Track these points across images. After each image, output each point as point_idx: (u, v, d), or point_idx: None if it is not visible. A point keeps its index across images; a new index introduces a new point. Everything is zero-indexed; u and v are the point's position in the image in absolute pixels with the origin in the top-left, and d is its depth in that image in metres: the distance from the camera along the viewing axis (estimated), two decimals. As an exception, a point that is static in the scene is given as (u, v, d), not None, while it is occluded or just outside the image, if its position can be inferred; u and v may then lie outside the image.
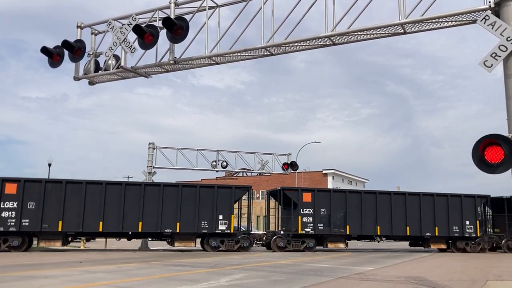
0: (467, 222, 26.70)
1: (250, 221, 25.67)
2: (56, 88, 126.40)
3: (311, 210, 24.68)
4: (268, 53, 11.17)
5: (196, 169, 30.00)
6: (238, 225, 24.49)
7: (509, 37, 7.47)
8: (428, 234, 26.12)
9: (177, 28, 10.88)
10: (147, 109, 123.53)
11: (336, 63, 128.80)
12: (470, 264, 17.57)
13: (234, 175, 64.66)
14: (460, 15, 8.78)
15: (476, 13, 8.48)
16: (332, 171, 63.03)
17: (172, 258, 18.20)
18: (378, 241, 27.36)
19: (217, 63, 11.82)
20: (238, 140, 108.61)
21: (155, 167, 28.75)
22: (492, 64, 7.54)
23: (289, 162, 32.32)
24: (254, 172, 35.43)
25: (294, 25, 10.44)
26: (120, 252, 22.08)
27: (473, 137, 7.06)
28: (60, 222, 21.51)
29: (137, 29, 11.19)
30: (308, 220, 24.60)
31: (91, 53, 12.75)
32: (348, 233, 25.08)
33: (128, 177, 55.36)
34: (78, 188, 22.06)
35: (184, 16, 11.30)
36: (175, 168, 29.42)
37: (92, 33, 12.94)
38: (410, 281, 11.27)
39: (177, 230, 22.81)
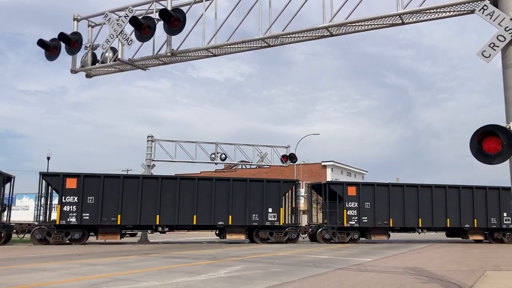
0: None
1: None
2: (55, 81, 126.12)
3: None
4: (266, 45, 11.11)
5: (195, 162, 30.02)
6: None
7: (507, 27, 7.44)
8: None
9: (174, 20, 10.80)
10: (146, 102, 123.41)
11: (336, 55, 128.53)
12: (468, 255, 17.65)
13: (233, 168, 64.71)
14: (459, 5, 8.74)
15: (475, 2, 8.44)
16: (331, 163, 63.06)
17: (172, 251, 18.25)
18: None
19: (215, 55, 11.77)
20: (237, 133, 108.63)
21: (154, 160, 28.76)
22: (490, 54, 7.52)
23: (288, 154, 32.32)
24: (253, 165, 35.46)
25: (292, 16, 10.38)
26: (119, 245, 22.14)
27: (473, 128, 7.05)
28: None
29: (134, 21, 11.12)
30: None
31: (88, 45, 12.67)
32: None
33: (128, 170, 55.35)
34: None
35: (181, 8, 11.22)
36: (174, 161, 29.44)
37: (89, 26, 12.85)
38: (409, 272, 11.32)
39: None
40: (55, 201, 23.71)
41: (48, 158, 37.75)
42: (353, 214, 25.41)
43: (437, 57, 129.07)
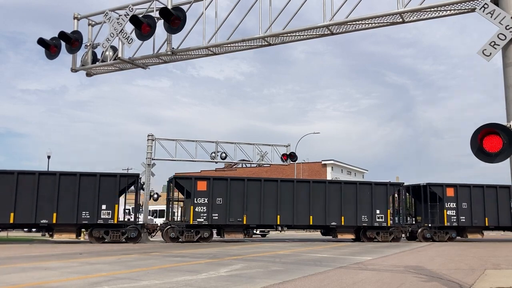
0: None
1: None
2: (55, 80, 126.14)
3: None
4: (266, 43, 11.10)
5: (195, 161, 30.01)
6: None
7: (508, 25, 7.42)
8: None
9: (174, 19, 10.79)
10: (146, 100, 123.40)
11: (336, 54, 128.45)
12: (468, 254, 17.65)
13: (233, 167, 64.74)
14: (459, 4, 8.72)
15: (475, 1, 8.42)
16: (331, 161, 63.10)
17: (172, 249, 18.26)
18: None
19: (215, 54, 11.76)
20: (237, 132, 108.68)
21: (154, 159, 28.73)
22: (491, 53, 7.50)
23: (288, 153, 32.31)
24: (253, 163, 35.49)
25: (292, 14, 10.36)
26: (120, 244, 22.15)
27: (473, 127, 7.04)
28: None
29: (134, 20, 11.10)
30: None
31: (88, 44, 12.66)
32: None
33: (128, 169, 55.38)
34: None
35: (181, 6, 11.21)
36: (174, 160, 29.44)
37: (89, 24, 12.84)
38: (409, 270, 11.32)
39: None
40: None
41: (49, 157, 37.73)
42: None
43: (437, 56, 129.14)
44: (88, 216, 22.08)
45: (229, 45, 11.28)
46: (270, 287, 8.45)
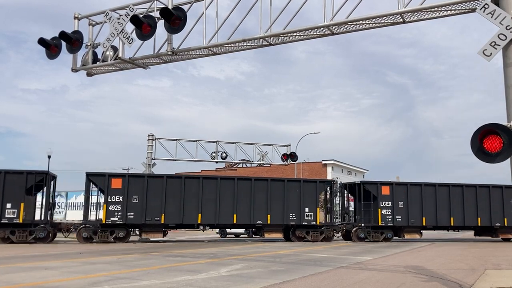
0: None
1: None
2: (56, 80, 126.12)
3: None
4: (267, 43, 11.11)
5: (195, 160, 30.05)
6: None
7: (508, 25, 7.42)
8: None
9: (175, 19, 10.80)
10: (147, 100, 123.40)
11: (337, 54, 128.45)
12: (469, 254, 17.65)
13: (234, 166, 64.74)
14: (460, 4, 8.72)
15: (476, 1, 8.42)
16: (332, 161, 63.08)
17: (172, 249, 18.27)
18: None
19: (216, 54, 11.77)
20: (238, 132, 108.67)
21: (154, 159, 28.79)
22: (491, 53, 7.50)
23: (288, 153, 32.35)
24: (253, 163, 35.49)
25: (293, 14, 10.37)
26: (120, 243, 22.16)
27: (473, 127, 7.04)
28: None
29: (134, 19, 11.11)
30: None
31: (88, 44, 12.68)
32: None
33: (128, 169, 55.38)
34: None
35: (182, 6, 11.22)
36: (175, 160, 29.48)
37: (89, 24, 12.86)
38: (409, 270, 11.33)
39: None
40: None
41: (49, 157, 37.77)
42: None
43: (438, 56, 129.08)
44: None
45: (229, 45, 11.29)
46: (271, 287, 8.46)
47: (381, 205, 25.75)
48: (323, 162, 63.16)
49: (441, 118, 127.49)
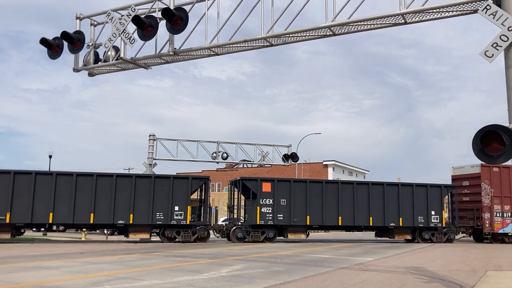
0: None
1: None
2: (57, 80, 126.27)
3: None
4: (268, 44, 11.12)
5: (196, 161, 30.06)
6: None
7: (510, 27, 7.42)
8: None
9: (176, 19, 10.82)
10: (148, 100, 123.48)
11: (339, 54, 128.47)
12: (469, 255, 17.63)
13: (234, 167, 64.74)
14: (462, 5, 8.73)
15: (478, 2, 8.42)
16: (333, 162, 63.08)
17: (173, 249, 18.27)
18: None
19: (217, 54, 11.78)
20: (239, 132, 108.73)
21: (155, 159, 28.82)
22: (493, 54, 7.51)
23: (289, 154, 32.33)
24: (254, 164, 35.48)
25: (295, 15, 10.38)
26: (121, 243, 22.17)
27: (475, 128, 7.04)
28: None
29: (136, 20, 11.13)
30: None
31: (90, 44, 12.70)
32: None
33: (129, 169, 55.45)
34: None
35: (183, 7, 11.24)
36: (176, 160, 29.49)
37: (91, 24, 12.88)
38: (410, 271, 11.32)
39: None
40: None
41: (50, 157, 37.80)
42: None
43: (440, 57, 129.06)
44: None
45: (231, 45, 11.30)
46: (271, 288, 8.46)
47: (261, 202, 23.86)
48: (324, 163, 63.18)
49: (443, 119, 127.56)
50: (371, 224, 25.22)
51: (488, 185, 26.12)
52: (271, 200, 24.04)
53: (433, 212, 25.64)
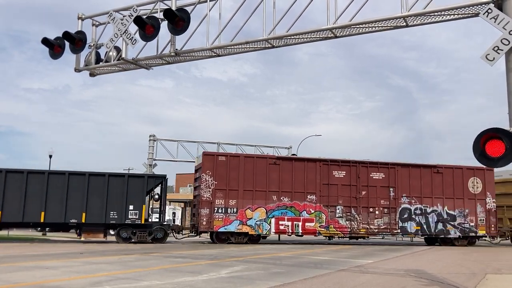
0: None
1: None
2: (58, 80, 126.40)
3: None
4: (270, 45, 11.13)
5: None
6: None
7: (511, 30, 7.44)
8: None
9: (178, 20, 10.83)
10: (149, 101, 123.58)
11: (340, 56, 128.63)
12: (469, 258, 17.63)
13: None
14: (463, 8, 8.74)
15: (479, 6, 8.44)
16: (333, 164, 62.91)
17: (173, 250, 18.27)
18: None
19: (219, 55, 11.79)
20: (239, 133, 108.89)
21: (155, 159, 28.85)
22: (494, 58, 7.52)
23: (289, 155, 32.34)
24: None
25: (296, 17, 10.40)
26: (121, 243, 22.15)
27: (476, 131, 7.05)
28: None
29: (138, 20, 11.16)
30: None
31: (92, 44, 12.71)
32: None
33: (129, 169, 55.41)
34: None
35: (185, 8, 11.26)
36: (176, 160, 29.51)
37: (93, 25, 12.90)
38: (410, 274, 11.32)
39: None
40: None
41: (50, 156, 37.77)
42: None
43: (441, 59, 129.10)
44: None
45: (232, 47, 11.32)
46: (271, 289, 8.46)
47: None
48: (324, 165, 63.01)
49: (444, 122, 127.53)
50: (43, 221, 21.20)
51: (210, 177, 23.16)
52: None
53: (131, 207, 22.10)
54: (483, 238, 27.76)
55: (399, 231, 25.83)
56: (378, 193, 25.63)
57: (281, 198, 24.06)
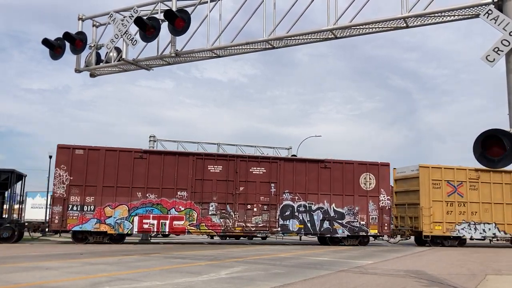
0: None
1: None
2: (58, 80, 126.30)
3: None
4: (270, 46, 11.14)
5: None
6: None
7: (511, 31, 7.44)
8: None
9: (178, 21, 10.84)
10: (149, 101, 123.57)
11: (340, 57, 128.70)
12: (469, 259, 17.63)
13: (235, 169, 64.57)
14: (463, 9, 8.75)
15: (479, 7, 8.45)
16: (333, 165, 62.92)
17: (173, 251, 18.28)
18: None
19: (219, 56, 11.80)
20: (239, 133, 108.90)
21: (155, 160, 28.73)
22: (494, 59, 7.53)
23: (289, 156, 32.32)
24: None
25: (297, 18, 10.40)
26: (120, 244, 22.15)
27: (476, 132, 7.06)
28: None
29: (138, 21, 11.16)
30: None
31: (92, 45, 12.71)
32: None
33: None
34: None
35: (186, 9, 11.27)
36: (176, 161, 29.40)
37: (93, 25, 12.90)
38: (410, 275, 11.32)
39: None
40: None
41: (50, 157, 37.74)
42: None
43: (441, 60, 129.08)
44: None
45: (233, 47, 11.33)
46: (271, 290, 8.46)
47: None
48: (324, 165, 63.02)
49: (444, 122, 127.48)
50: None
51: (64, 171, 21.52)
52: None
53: None
54: (380, 237, 25.55)
55: (279, 229, 23.90)
56: (258, 189, 23.66)
57: (147, 195, 22.23)
